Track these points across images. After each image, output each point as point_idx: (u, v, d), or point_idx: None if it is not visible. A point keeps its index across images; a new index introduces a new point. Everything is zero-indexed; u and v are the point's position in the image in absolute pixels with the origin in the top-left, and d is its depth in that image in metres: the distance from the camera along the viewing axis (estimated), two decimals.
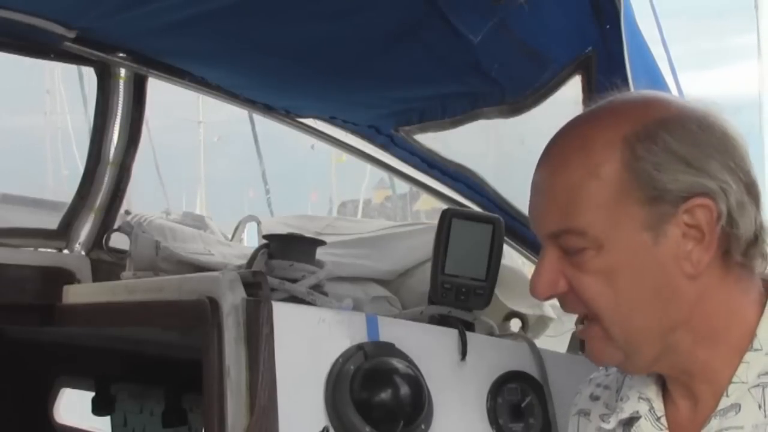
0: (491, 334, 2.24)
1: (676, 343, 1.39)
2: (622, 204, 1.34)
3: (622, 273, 1.35)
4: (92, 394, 3.33)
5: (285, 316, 1.94)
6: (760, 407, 1.34)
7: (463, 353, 2.08)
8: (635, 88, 1.62)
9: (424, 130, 2.66)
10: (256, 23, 2.31)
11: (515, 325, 2.45)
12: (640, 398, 1.48)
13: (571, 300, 1.41)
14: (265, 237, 2.33)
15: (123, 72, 2.97)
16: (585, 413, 1.61)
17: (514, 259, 2.56)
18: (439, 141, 2.65)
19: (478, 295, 2.19)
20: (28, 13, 2.56)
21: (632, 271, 1.35)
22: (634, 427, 1.47)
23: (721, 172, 1.34)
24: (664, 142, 1.34)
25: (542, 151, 1.44)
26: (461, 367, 2.08)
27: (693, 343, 1.39)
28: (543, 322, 2.51)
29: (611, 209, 1.34)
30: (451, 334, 2.11)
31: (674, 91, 1.85)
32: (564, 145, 1.41)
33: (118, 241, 2.85)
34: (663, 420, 1.45)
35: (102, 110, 3.02)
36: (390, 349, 2.00)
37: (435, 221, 2.28)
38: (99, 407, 3.33)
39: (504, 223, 2.23)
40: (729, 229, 1.35)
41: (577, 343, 2.26)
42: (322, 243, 2.27)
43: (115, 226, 2.92)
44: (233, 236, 2.95)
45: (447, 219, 2.21)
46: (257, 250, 2.23)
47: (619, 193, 1.34)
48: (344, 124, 2.87)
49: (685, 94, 1.85)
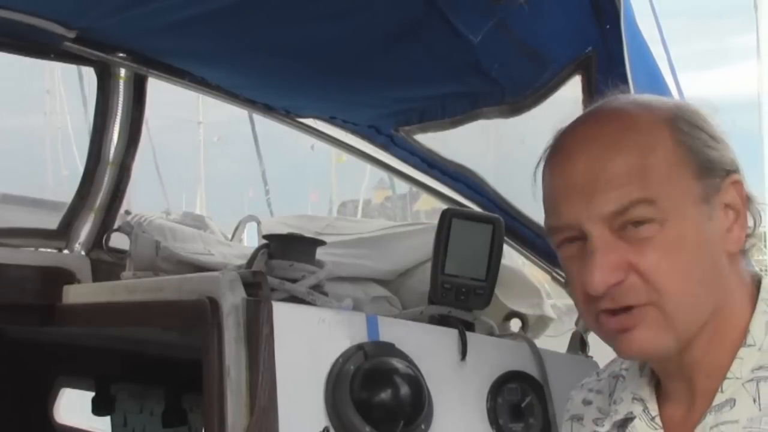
0: (491, 334, 2.24)
1: (702, 330, 1.37)
2: (681, 177, 1.34)
3: (686, 247, 1.33)
4: (92, 394, 3.33)
5: (285, 316, 1.94)
6: (754, 401, 1.34)
7: (463, 353, 2.09)
8: (635, 88, 1.62)
9: (424, 130, 2.66)
10: (256, 23, 2.31)
11: (515, 325, 2.46)
12: (634, 399, 1.48)
13: (629, 285, 1.33)
14: (265, 237, 2.33)
15: (123, 72, 2.97)
16: (578, 419, 1.61)
17: (514, 259, 2.56)
18: (439, 141, 2.65)
19: (478, 295, 2.19)
20: (28, 13, 2.56)
21: (696, 245, 1.33)
22: (628, 428, 1.46)
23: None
24: (697, 123, 1.37)
25: (564, 143, 1.41)
26: (461, 367, 2.09)
27: (709, 333, 1.38)
28: (543, 322, 2.51)
29: (672, 183, 1.33)
30: (451, 334, 2.11)
31: (674, 91, 1.85)
32: (610, 128, 1.38)
33: (118, 241, 2.85)
34: (657, 420, 1.45)
35: (102, 110, 3.02)
36: (390, 349, 2.00)
37: (435, 221, 2.28)
38: (99, 407, 3.33)
39: (504, 223, 2.23)
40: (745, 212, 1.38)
41: (577, 343, 2.26)
42: (322, 243, 2.27)
43: (115, 226, 2.93)
44: (233, 236, 2.95)
45: (447, 219, 2.21)
46: (257, 250, 2.23)
47: (676, 166, 1.34)
48: (344, 124, 2.87)
49: (685, 94, 1.86)
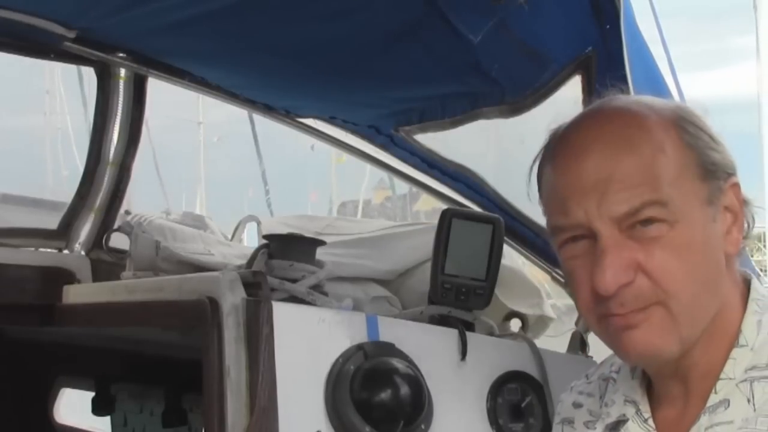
0: (491, 334, 2.24)
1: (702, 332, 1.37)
2: (688, 179, 1.34)
3: (694, 248, 1.33)
4: (92, 394, 3.33)
5: (285, 316, 1.94)
6: (749, 401, 1.34)
7: (463, 353, 2.08)
8: (635, 88, 1.62)
9: (424, 130, 2.66)
10: (256, 23, 2.31)
11: (515, 325, 2.45)
12: (626, 401, 1.48)
13: (637, 288, 1.32)
14: (265, 237, 2.33)
15: (123, 72, 2.97)
16: (569, 422, 1.61)
17: (514, 259, 2.56)
18: (439, 141, 2.65)
19: (478, 295, 2.19)
20: (28, 13, 2.56)
21: (702, 247, 1.34)
22: (621, 431, 1.46)
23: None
24: (699, 124, 1.38)
25: (570, 142, 1.40)
26: (461, 367, 2.08)
27: (707, 335, 1.38)
28: (543, 322, 2.51)
29: (681, 184, 1.34)
30: (451, 334, 2.11)
31: (674, 91, 1.85)
32: (619, 126, 1.37)
33: (118, 241, 2.85)
34: (650, 421, 1.44)
35: (102, 110, 3.02)
36: (390, 349, 2.00)
37: (435, 221, 2.28)
38: (99, 407, 3.33)
39: (504, 223, 2.23)
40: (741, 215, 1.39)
41: (577, 343, 2.26)
42: (322, 243, 2.26)
43: (115, 226, 2.93)
44: (233, 236, 2.95)
45: (447, 219, 2.21)
46: (257, 250, 2.23)
47: (683, 168, 1.34)
48: (344, 124, 2.87)
49: (685, 95, 1.86)
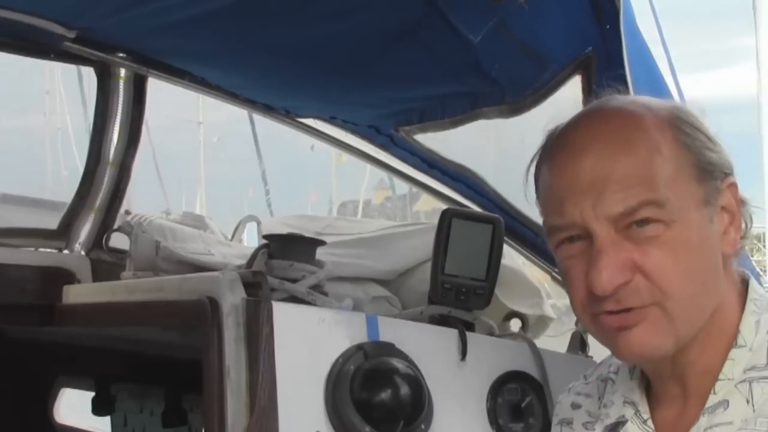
0: (491, 334, 2.24)
1: (698, 331, 1.37)
2: (684, 179, 1.34)
3: (691, 248, 1.33)
4: (92, 394, 3.33)
5: (285, 316, 1.94)
6: (748, 402, 1.34)
7: (463, 353, 2.08)
8: (635, 89, 1.62)
9: (424, 130, 2.66)
10: (256, 23, 2.31)
11: (515, 325, 2.45)
12: (625, 402, 1.48)
13: (634, 286, 1.33)
14: (265, 237, 2.33)
15: (123, 72, 2.97)
16: (567, 422, 1.61)
17: (514, 259, 2.56)
18: (439, 141, 2.65)
19: (478, 295, 2.19)
20: (28, 13, 2.56)
21: (698, 247, 1.34)
22: None
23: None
24: (696, 124, 1.38)
25: (567, 141, 1.40)
26: (461, 367, 2.08)
27: (704, 335, 1.38)
28: (543, 322, 2.51)
29: (677, 184, 1.34)
30: (451, 334, 2.10)
31: (674, 92, 1.85)
32: (616, 127, 1.38)
33: (118, 241, 2.85)
34: (650, 422, 1.44)
35: (102, 110, 3.02)
36: (390, 349, 2.00)
37: (435, 221, 2.28)
38: (99, 407, 3.33)
39: (504, 223, 2.23)
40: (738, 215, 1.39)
41: (577, 343, 2.26)
42: (322, 243, 2.26)
43: (115, 226, 2.93)
44: (233, 236, 2.95)
45: (447, 219, 2.21)
46: (257, 250, 2.23)
47: (680, 168, 1.34)
48: (344, 124, 2.87)
49: (685, 95, 1.86)
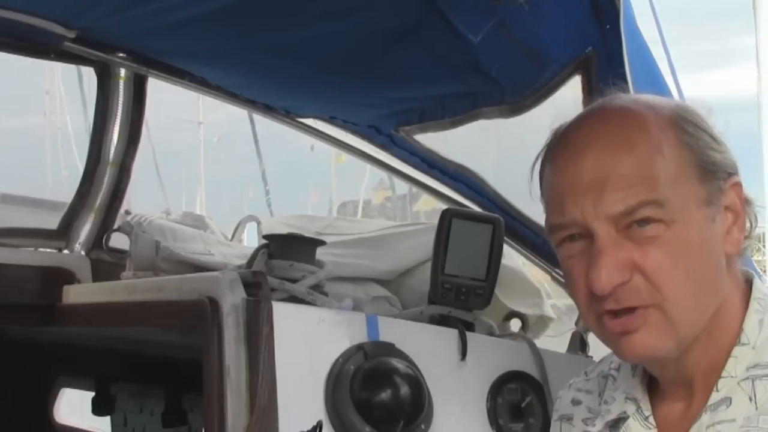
0: (491, 334, 2.24)
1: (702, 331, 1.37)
2: (686, 179, 1.34)
3: (690, 249, 1.33)
4: (92, 394, 3.33)
5: (285, 316, 1.94)
6: (750, 399, 1.34)
7: (463, 353, 2.08)
8: (635, 89, 1.62)
9: (424, 130, 2.66)
10: (256, 23, 2.31)
11: (515, 325, 2.45)
12: (627, 399, 1.48)
13: (633, 286, 1.32)
14: (265, 237, 2.33)
15: (123, 72, 2.97)
16: (567, 418, 1.61)
17: (514, 259, 2.56)
18: (439, 141, 2.65)
19: (478, 295, 2.19)
20: (28, 13, 2.56)
21: (699, 247, 1.34)
22: (621, 428, 1.46)
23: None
24: (700, 124, 1.37)
25: (569, 141, 1.40)
26: (461, 367, 2.08)
27: (708, 333, 1.38)
28: (543, 322, 2.51)
29: (678, 184, 1.34)
30: (451, 334, 2.10)
31: (674, 91, 1.85)
32: (618, 126, 1.37)
33: (118, 241, 2.85)
34: (651, 419, 1.45)
35: (102, 110, 3.02)
36: (390, 349, 2.00)
37: (435, 221, 2.28)
38: (99, 407, 3.33)
39: (504, 223, 2.23)
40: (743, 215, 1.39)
41: (577, 343, 2.26)
42: (322, 243, 2.26)
43: (115, 226, 2.92)
44: (233, 236, 2.95)
45: (447, 219, 2.21)
46: (257, 250, 2.23)
47: (681, 168, 1.34)
48: (344, 124, 2.87)
49: (685, 95, 1.86)
